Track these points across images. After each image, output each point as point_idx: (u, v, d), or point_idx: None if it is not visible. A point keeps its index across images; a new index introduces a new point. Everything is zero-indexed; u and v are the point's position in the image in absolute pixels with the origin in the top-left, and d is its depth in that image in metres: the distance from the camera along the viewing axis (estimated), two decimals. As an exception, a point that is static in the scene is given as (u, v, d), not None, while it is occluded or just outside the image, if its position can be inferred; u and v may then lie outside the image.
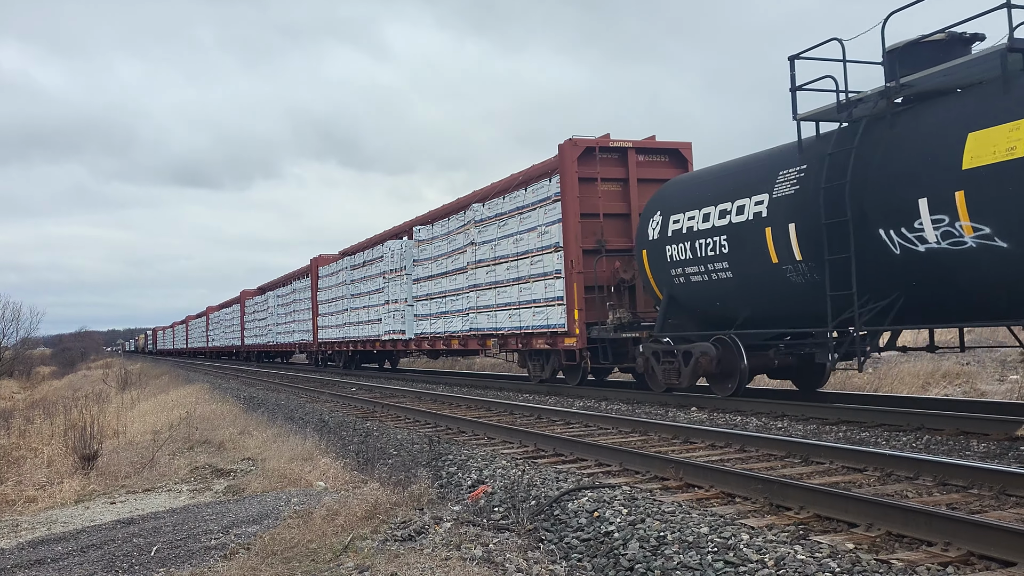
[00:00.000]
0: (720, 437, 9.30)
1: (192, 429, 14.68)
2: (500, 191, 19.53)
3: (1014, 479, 6.23)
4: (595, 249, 16.12)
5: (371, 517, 6.69)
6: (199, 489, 10.02)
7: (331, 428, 13.81)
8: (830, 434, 9.69)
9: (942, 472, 6.75)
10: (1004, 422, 9.08)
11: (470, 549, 5.64)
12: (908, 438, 9.08)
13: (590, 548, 5.75)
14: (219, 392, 24.52)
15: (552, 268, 16.40)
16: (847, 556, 4.79)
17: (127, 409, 19.84)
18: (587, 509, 6.37)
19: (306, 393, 21.37)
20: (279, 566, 5.87)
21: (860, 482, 6.91)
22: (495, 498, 7.30)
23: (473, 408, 14.86)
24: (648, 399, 14.24)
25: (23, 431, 14.46)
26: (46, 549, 7.28)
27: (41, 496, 10.09)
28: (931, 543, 4.97)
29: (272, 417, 16.54)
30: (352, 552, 5.89)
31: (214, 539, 6.88)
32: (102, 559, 6.65)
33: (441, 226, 22.55)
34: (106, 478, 10.91)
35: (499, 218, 18.65)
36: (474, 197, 21.09)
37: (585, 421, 11.76)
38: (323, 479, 9.27)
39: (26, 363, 56.94)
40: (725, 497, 6.60)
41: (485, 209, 19.45)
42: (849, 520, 5.54)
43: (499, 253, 18.56)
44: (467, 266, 20.24)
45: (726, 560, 4.95)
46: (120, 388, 29.56)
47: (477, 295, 19.68)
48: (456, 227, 21.32)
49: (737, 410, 12.16)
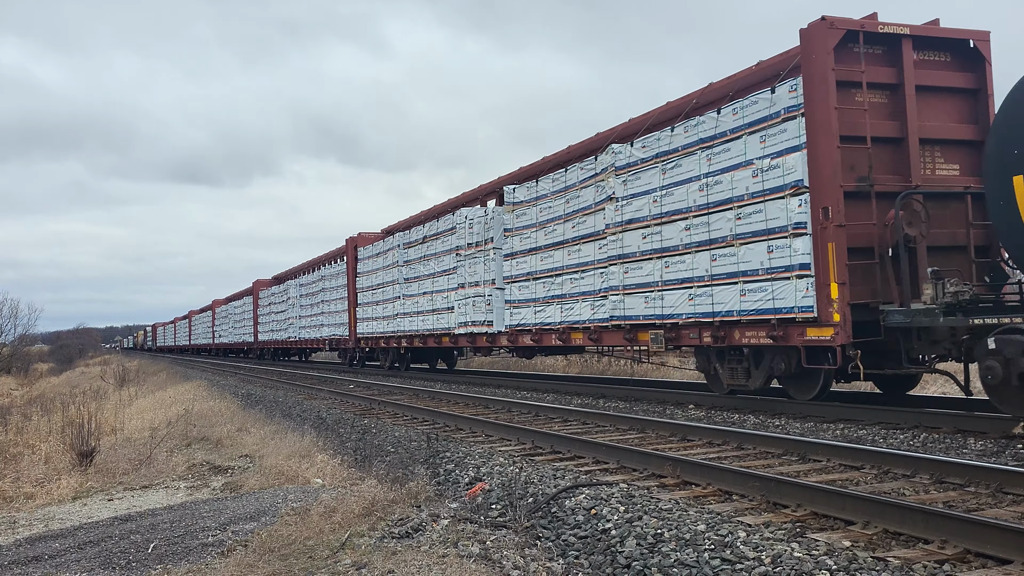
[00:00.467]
0: (717, 435, 9.31)
1: (190, 426, 14.66)
2: (663, 121, 14.51)
3: (1011, 477, 6.25)
4: (859, 191, 10.79)
5: (368, 514, 6.68)
6: (196, 486, 10.02)
7: (329, 425, 13.81)
8: (828, 432, 9.70)
9: (939, 470, 6.76)
10: (1001, 420, 9.08)
11: (467, 546, 5.64)
12: (905, 436, 9.09)
13: (587, 545, 5.76)
14: (217, 389, 24.51)
15: (784, 221, 10.99)
16: (844, 554, 4.79)
17: (125, 406, 19.82)
18: (584, 506, 6.37)
19: (304, 390, 21.36)
20: (276, 563, 5.87)
21: (857, 480, 6.92)
22: (492, 495, 7.30)
23: (471, 406, 14.86)
24: (647, 396, 14.21)
25: (21, 428, 14.43)
26: (43, 546, 7.28)
27: (38, 493, 10.08)
28: (928, 541, 4.98)
29: (270, 414, 16.53)
30: (349, 549, 5.89)
31: (211, 536, 6.88)
32: (99, 556, 6.65)
33: (552, 181, 17.18)
34: (103, 475, 10.90)
35: (663, 159, 13.41)
36: (610, 136, 15.97)
37: (583, 419, 11.76)
38: (321, 476, 9.27)
39: (24, 360, 56.84)
40: (722, 495, 6.61)
41: (635, 150, 14.17)
42: (846, 518, 5.55)
43: (668, 208, 13.17)
44: (604, 230, 14.85)
45: (723, 558, 4.96)
46: (118, 385, 29.54)
47: (623, 270, 14.19)
48: (580, 179, 15.95)
49: (735, 408, 12.16)
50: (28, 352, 62.70)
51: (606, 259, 14.80)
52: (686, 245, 12.79)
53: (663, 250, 13.32)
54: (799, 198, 10.83)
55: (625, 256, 14.23)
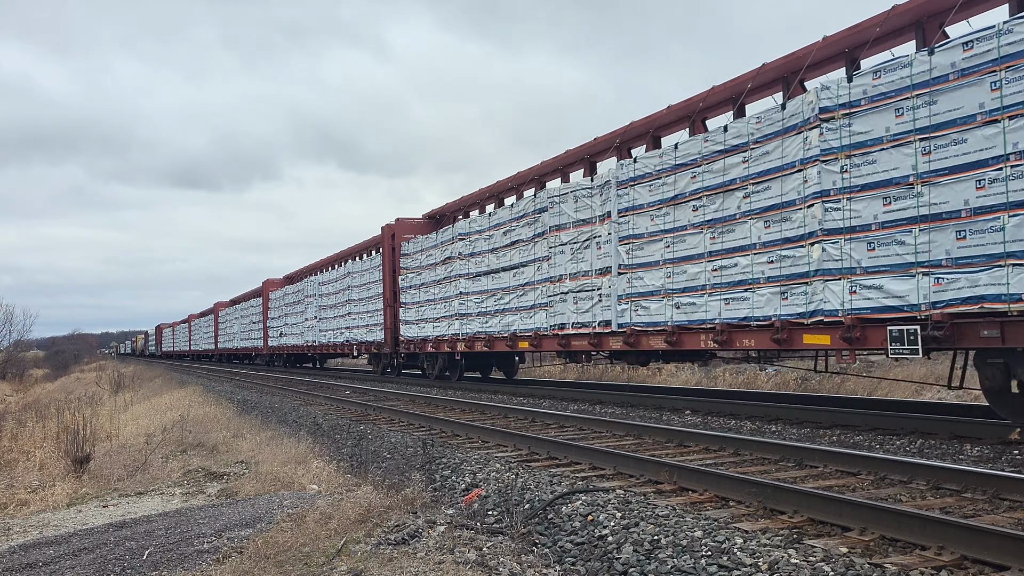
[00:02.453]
0: (714, 441, 9.31)
1: (185, 432, 14.62)
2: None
3: (1008, 483, 6.25)
4: None
5: (364, 520, 6.66)
6: (192, 492, 9.99)
7: (325, 431, 13.78)
8: (824, 438, 9.70)
9: (936, 476, 6.76)
10: (998, 426, 9.10)
11: (464, 553, 5.62)
12: (902, 442, 9.10)
13: (584, 552, 5.74)
14: (212, 395, 24.45)
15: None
16: (841, 560, 4.78)
17: (120, 412, 19.77)
18: (581, 513, 6.36)
19: (300, 396, 21.33)
20: (272, 569, 5.85)
21: (854, 486, 6.92)
22: (489, 502, 7.28)
23: (467, 411, 14.84)
24: (644, 402, 14.19)
25: (15, 434, 14.38)
26: (37, 552, 7.24)
27: (33, 499, 10.04)
28: (925, 547, 4.97)
29: (266, 420, 16.50)
30: (345, 555, 5.87)
31: (207, 542, 6.85)
32: (94, 563, 6.62)
33: (713, 141, 12.45)
34: (98, 481, 10.86)
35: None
36: (808, 54, 11.53)
37: (579, 425, 11.75)
38: (316, 482, 9.24)
39: (19, 365, 56.70)
40: (719, 501, 6.60)
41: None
42: (843, 524, 5.54)
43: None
44: (832, 190, 10.33)
45: (720, 564, 4.94)
46: (113, 391, 29.45)
47: (850, 247, 10.07)
48: (788, 124, 11.11)
49: (731, 414, 12.16)
50: (23, 358, 62.51)
51: (822, 231, 10.46)
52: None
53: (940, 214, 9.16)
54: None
55: (852, 227, 10.13)
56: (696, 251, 12.76)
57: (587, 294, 15.75)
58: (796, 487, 6.33)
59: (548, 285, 17.06)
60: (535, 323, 17.61)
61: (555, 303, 16.83)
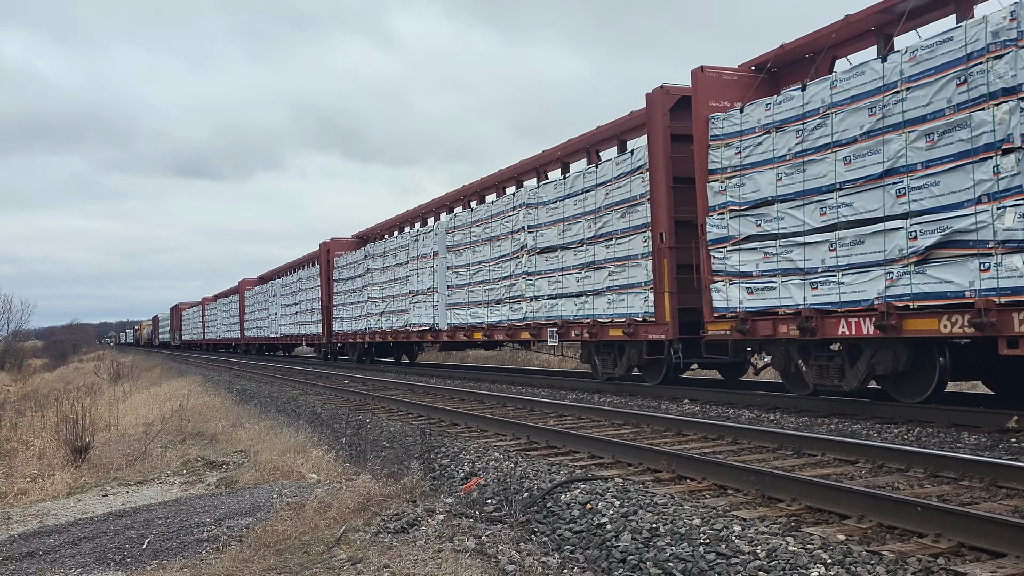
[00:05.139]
0: (712, 429, 9.33)
1: (184, 422, 14.62)
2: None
3: (1004, 471, 6.27)
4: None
5: (364, 509, 6.68)
6: (191, 481, 10.00)
7: (324, 420, 13.80)
8: (822, 426, 9.73)
9: (933, 464, 6.78)
10: (995, 415, 9.12)
11: (463, 541, 5.64)
12: (899, 430, 9.12)
13: (583, 540, 5.76)
14: (211, 385, 24.46)
15: None
16: (839, 547, 4.80)
17: (119, 402, 19.78)
18: (580, 501, 6.38)
19: (299, 386, 21.34)
20: (271, 558, 5.86)
21: (852, 474, 6.94)
22: (488, 490, 7.30)
23: (466, 401, 14.86)
24: (642, 391, 14.25)
25: (14, 424, 14.39)
26: (37, 541, 7.26)
27: (32, 489, 10.05)
28: (922, 535, 4.99)
29: (265, 410, 16.51)
30: (345, 544, 5.88)
31: (206, 531, 6.87)
32: (94, 551, 6.63)
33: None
34: (98, 470, 10.87)
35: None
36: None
37: (578, 413, 11.77)
38: (316, 471, 9.25)
39: (17, 355, 56.69)
40: (717, 489, 6.62)
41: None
42: (841, 512, 5.56)
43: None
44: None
45: (718, 552, 4.96)
46: (112, 381, 29.46)
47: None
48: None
49: (730, 402, 12.19)
50: (22, 348, 62.51)
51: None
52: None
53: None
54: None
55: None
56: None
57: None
58: (794, 475, 6.35)
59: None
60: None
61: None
